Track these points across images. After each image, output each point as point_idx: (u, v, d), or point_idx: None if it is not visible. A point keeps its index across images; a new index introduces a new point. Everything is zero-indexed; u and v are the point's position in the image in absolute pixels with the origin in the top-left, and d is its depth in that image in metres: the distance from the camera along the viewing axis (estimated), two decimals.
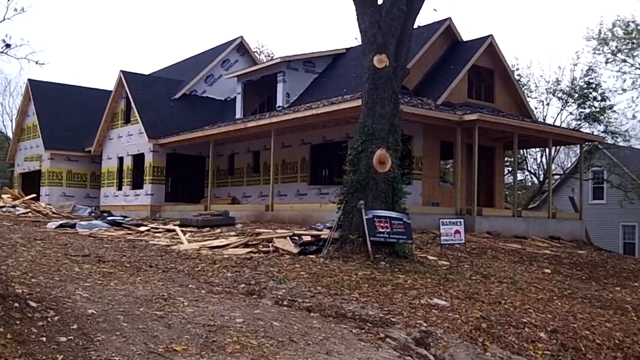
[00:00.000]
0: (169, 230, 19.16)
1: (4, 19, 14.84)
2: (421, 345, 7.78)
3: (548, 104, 36.48)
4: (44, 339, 5.61)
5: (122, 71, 31.23)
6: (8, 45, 46.31)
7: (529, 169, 41.20)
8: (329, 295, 9.35)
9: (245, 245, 14.65)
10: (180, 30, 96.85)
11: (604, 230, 36.28)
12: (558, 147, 37.21)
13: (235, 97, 30.02)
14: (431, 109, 20.47)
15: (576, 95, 33.87)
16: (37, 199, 31.48)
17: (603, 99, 34.11)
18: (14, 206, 26.61)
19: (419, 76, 23.70)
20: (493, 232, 20.35)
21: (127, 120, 31.39)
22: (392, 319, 8.34)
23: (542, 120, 33.09)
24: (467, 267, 14.00)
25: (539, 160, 40.71)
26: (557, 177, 40.09)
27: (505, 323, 8.86)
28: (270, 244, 14.20)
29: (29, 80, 36.90)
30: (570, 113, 34.84)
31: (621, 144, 35.20)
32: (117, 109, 32.42)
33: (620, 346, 9.35)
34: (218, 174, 29.52)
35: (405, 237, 13.34)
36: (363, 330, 7.79)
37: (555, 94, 34.97)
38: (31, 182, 36.53)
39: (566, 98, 34.29)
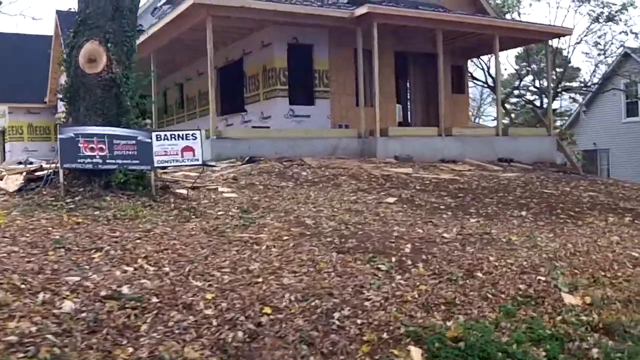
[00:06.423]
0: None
1: None
2: None
3: (558, 7, 30.96)
4: None
5: (57, 11, 28.23)
6: None
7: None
8: None
9: None
10: None
11: None
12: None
13: None
14: (310, 5, 16.13)
15: None
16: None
17: None
18: None
19: None
20: (403, 156, 16.13)
21: None
22: None
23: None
24: (245, 200, 10.17)
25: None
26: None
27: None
28: None
29: None
30: (587, 14, 29.27)
31: None
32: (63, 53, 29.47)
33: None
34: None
35: (138, 161, 9.60)
36: None
37: None
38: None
39: None
